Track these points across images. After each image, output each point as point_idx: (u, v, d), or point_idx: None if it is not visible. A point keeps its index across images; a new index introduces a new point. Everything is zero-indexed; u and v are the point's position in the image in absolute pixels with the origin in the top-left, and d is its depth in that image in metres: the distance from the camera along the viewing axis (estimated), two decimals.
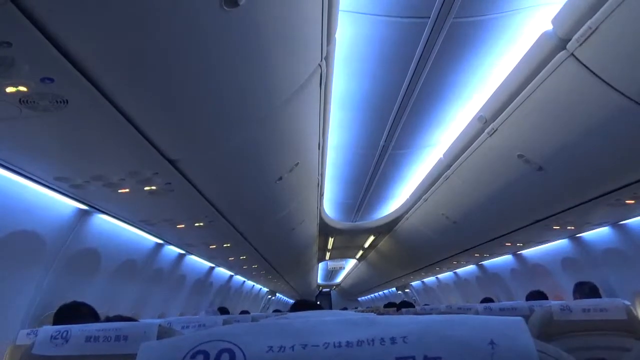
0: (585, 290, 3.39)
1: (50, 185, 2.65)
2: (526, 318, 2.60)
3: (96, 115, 1.83)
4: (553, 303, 2.44)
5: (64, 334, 1.56)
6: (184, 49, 1.61)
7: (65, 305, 2.43)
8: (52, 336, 1.55)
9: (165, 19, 1.43)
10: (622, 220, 4.35)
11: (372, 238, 9.03)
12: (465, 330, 0.55)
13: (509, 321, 0.57)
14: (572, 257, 5.28)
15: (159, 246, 4.87)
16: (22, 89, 1.56)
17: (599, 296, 3.36)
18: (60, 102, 1.67)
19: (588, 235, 4.94)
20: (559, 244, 5.42)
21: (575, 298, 3.42)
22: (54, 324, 2.34)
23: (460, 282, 9.17)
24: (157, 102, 1.91)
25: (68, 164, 2.39)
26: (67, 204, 3.07)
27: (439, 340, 0.54)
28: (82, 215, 3.29)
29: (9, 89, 1.56)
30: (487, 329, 0.55)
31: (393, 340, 0.55)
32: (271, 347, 0.56)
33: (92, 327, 1.57)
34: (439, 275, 10.26)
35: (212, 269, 7.17)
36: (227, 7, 1.45)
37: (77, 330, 1.56)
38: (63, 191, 2.77)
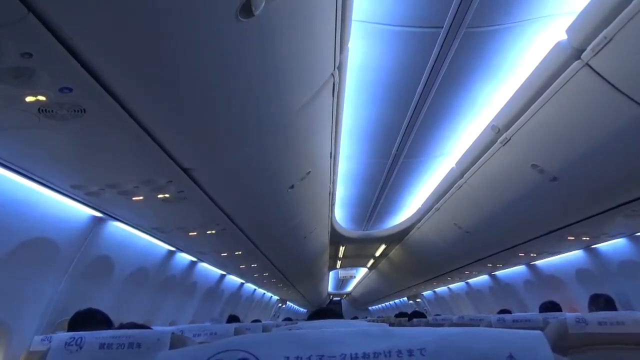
0: (601, 302, 3.34)
1: (66, 193, 2.69)
2: (540, 330, 2.56)
3: (113, 124, 1.86)
4: (568, 315, 2.40)
5: (78, 341, 1.57)
6: (200, 59, 1.64)
7: (79, 312, 2.45)
8: (66, 343, 1.56)
9: (182, 30, 1.46)
10: (638, 232, 4.28)
11: (383, 247, 8.99)
12: (484, 343, 0.55)
13: (529, 335, 0.56)
14: (587, 268, 5.20)
15: (171, 253, 4.90)
16: (41, 98, 1.59)
17: (615, 309, 3.30)
18: (78, 111, 1.70)
19: (604, 246, 4.87)
20: (573, 255, 5.34)
21: (590, 310, 3.36)
22: (69, 330, 2.36)
23: (472, 293, 9.07)
24: (173, 112, 1.93)
25: (84, 172, 2.42)
26: (82, 211, 3.11)
27: (456, 353, 0.54)
28: (96, 222, 3.32)
29: (29, 99, 1.59)
30: (505, 342, 0.55)
31: (410, 352, 0.54)
32: (288, 357, 0.56)
33: (105, 334, 1.58)
34: (451, 285, 10.16)
35: (223, 276, 7.18)
36: (242, 18, 1.47)
37: (90, 337, 1.57)
38: (78, 198, 2.81)
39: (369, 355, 0.55)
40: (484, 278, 8.15)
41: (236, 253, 5.31)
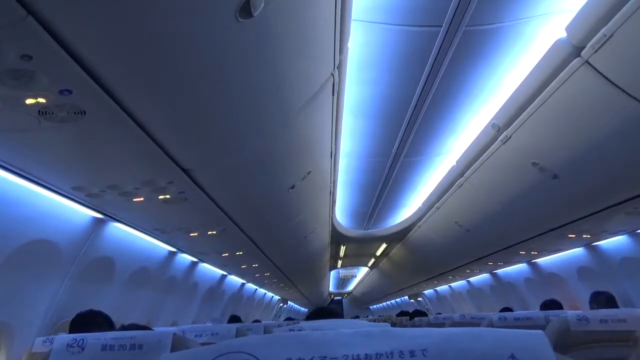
0: (602, 300, 3.33)
1: (67, 195, 2.69)
2: (542, 328, 2.56)
3: (112, 125, 1.86)
4: (569, 313, 2.39)
5: (80, 343, 1.57)
6: (199, 61, 1.64)
7: (81, 314, 2.45)
8: (68, 344, 1.56)
9: (181, 31, 1.46)
10: (639, 229, 4.28)
11: (384, 246, 8.99)
12: (485, 343, 0.55)
13: (530, 335, 0.56)
14: (588, 266, 5.20)
15: (172, 254, 4.90)
16: (41, 100, 1.59)
17: (617, 306, 3.30)
18: (78, 113, 1.70)
19: (605, 243, 4.87)
20: (574, 252, 5.34)
21: (591, 308, 3.36)
22: (70, 332, 2.36)
23: (473, 291, 9.07)
24: (172, 113, 1.93)
25: (85, 174, 2.42)
26: (83, 213, 3.10)
27: (458, 353, 0.54)
28: (98, 223, 3.32)
29: (29, 101, 1.59)
30: (507, 342, 0.55)
31: (412, 353, 0.54)
32: (290, 358, 0.57)
33: (107, 336, 1.58)
34: (452, 284, 10.16)
35: (224, 277, 7.18)
36: (242, 19, 1.47)
37: (92, 338, 1.57)
38: (79, 200, 2.81)
39: (371, 356, 0.55)
40: (485, 276, 8.15)
41: (237, 253, 5.31)
